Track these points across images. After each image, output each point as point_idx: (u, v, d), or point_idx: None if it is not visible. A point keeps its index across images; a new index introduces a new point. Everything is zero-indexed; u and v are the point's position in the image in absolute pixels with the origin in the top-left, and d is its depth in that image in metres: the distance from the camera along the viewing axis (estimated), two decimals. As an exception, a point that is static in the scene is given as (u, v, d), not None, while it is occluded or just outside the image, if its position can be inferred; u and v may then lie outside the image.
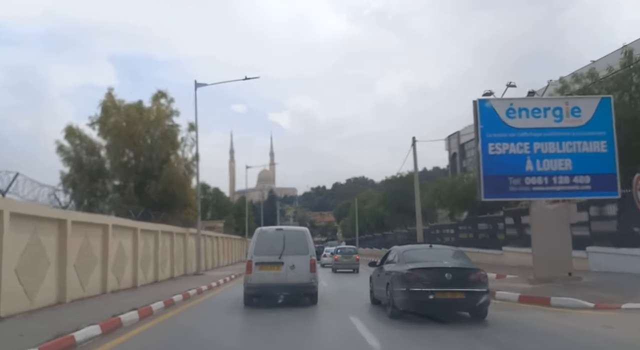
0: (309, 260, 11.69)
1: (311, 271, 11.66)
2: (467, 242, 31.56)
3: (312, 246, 12.17)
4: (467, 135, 58.35)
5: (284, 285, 11.56)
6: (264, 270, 11.54)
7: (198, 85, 25.50)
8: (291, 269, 11.53)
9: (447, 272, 8.93)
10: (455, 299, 8.88)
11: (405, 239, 46.08)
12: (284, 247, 11.66)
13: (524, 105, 14.94)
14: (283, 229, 12.87)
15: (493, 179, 14.97)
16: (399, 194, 47.58)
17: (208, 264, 31.90)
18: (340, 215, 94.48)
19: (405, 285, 9.00)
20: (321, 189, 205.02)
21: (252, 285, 11.63)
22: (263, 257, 11.66)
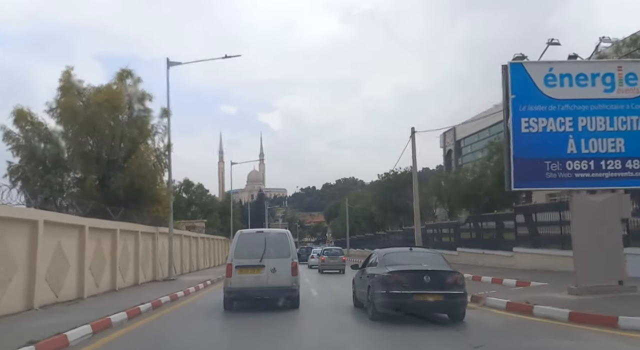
0: (291, 263, 11.34)
1: (292, 274, 11.30)
2: (470, 242, 28.43)
3: (293, 249, 11.75)
4: (464, 131, 55.53)
5: (265, 288, 11.20)
6: (244, 274, 11.19)
7: (171, 64, 22.13)
8: (272, 272, 11.16)
9: (425, 275, 9.07)
10: (434, 301, 9.03)
11: (401, 239, 42.88)
12: (265, 250, 11.26)
13: (566, 70, 11.73)
14: (264, 232, 12.43)
15: (526, 164, 11.77)
16: (392, 192, 44.46)
17: (185, 267, 28.46)
18: (331, 216, 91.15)
19: (385, 287, 9.15)
20: (311, 189, 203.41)
21: (232, 289, 11.24)
22: (243, 260, 11.29)
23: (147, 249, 20.76)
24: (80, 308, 11.78)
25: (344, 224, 69.21)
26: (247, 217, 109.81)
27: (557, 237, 19.49)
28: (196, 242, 31.82)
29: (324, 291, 17.65)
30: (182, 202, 44.73)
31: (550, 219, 20.14)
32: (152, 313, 11.75)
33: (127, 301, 12.54)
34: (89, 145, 21.56)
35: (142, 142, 21.92)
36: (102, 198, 20.71)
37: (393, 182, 44.94)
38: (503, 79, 11.92)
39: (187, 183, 46.30)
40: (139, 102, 21.58)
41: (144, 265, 20.26)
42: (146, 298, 13.23)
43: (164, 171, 22.54)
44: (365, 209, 54.93)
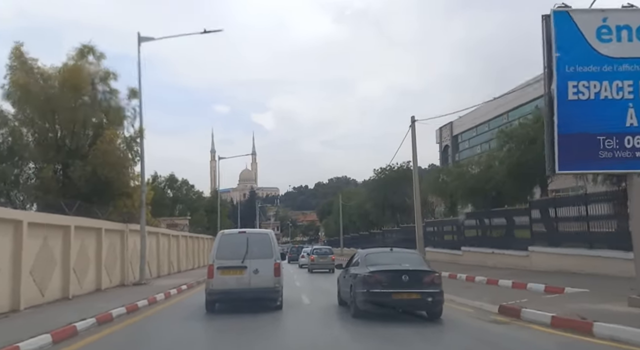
0: (273, 264, 11.01)
1: (275, 275, 10.98)
2: (476, 241, 25.89)
3: (276, 249, 11.41)
4: (461, 125, 53.18)
5: (247, 290, 10.81)
6: (226, 275, 10.90)
7: (142, 39, 19.33)
8: (254, 273, 10.86)
9: (404, 275, 9.38)
10: (411, 299, 9.37)
11: (397, 238, 40.29)
12: (247, 251, 10.95)
13: (625, 21, 9.07)
14: (246, 232, 12.08)
15: (574, 140, 9.15)
16: (389, 188, 41.85)
17: (163, 269, 25.67)
18: (323, 214, 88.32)
19: (366, 286, 9.46)
20: (303, 188, 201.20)
21: (214, 291, 10.93)
22: (225, 261, 10.98)
23: (113, 249, 17.97)
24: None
25: (337, 222, 66.51)
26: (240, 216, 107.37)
27: (582, 235, 16.97)
28: (177, 241, 29.00)
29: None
30: (165, 199, 41.92)
31: (574, 213, 17.59)
32: (93, 332, 9.03)
33: (69, 315, 9.82)
34: (48, 131, 18.79)
35: (109, 128, 19.12)
36: (61, 191, 17.95)
37: (389, 178, 42.36)
38: (544, 32, 9.29)
39: (172, 179, 43.44)
40: (102, 82, 18.80)
41: (109, 267, 17.48)
42: (98, 309, 10.60)
43: (136, 161, 19.72)
44: (360, 206, 52.29)
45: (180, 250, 30.21)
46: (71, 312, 10.50)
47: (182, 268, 29.97)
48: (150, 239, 23.34)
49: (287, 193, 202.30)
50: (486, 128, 47.40)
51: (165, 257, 26.26)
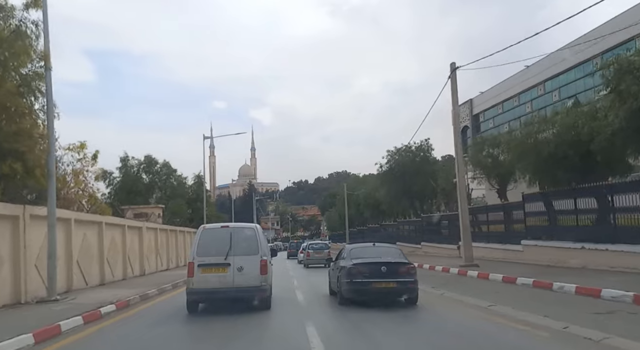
0: (260, 261, 9.81)
1: (262, 273, 9.81)
2: (547, 231, 18.27)
3: (264, 245, 10.17)
4: (483, 103, 45.50)
5: (231, 289, 9.62)
6: (208, 273, 9.64)
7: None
8: (239, 271, 9.67)
9: (382, 266, 10.18)
10: (389, 287, 10.15)
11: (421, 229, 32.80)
12: (231, 247, 9.73)
13: None
14: (230, 226, 10.72)
15: None
16: (406, 172, 34.24)
17: (116, 271, 18.12)
18: (326, 207, 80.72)
19: (350, 277, 10.24)
20: (303, 183, 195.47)
21: (194, 290, 9.69)
22: (206, 258, 9.71)
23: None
24: None
25: (342, 214, 58.99)
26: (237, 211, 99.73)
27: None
28: (139, 235, 21.39)
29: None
30: (139, 184, 34.26)
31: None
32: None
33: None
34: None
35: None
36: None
37: (406, 161, 34.73)
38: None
39: (150, 161, 35.68)
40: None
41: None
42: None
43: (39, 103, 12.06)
44: (369, 195, 44.70)
45: (150, 246, 22.65)
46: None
47: (149, 269, 22.38)
48: (87, 231, 15.79)
49: (286, 188, 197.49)
50: (515, 103, 39.77)
51: (119, 256, 18.67)
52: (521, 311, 8.86)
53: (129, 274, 19.66)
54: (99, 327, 9.05)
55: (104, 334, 8.50)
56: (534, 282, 12.24)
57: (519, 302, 9.94)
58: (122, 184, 33.83)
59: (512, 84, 39.18)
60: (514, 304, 9.58)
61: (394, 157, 35.74)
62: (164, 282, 17.01)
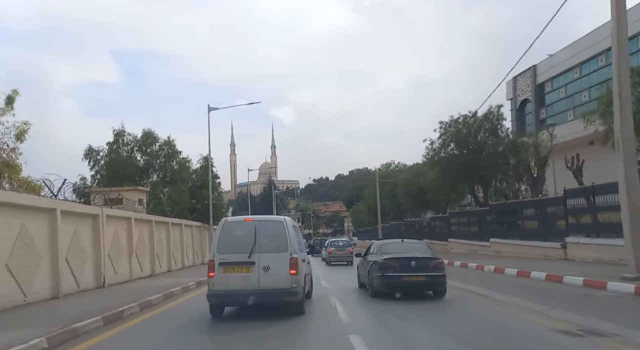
0: (289, 259, 8.23)
1: (291, 273, 8.19)
2: None
3: (293, 241, 8.52)
4: (550, 70, 36.59)
5: (256, 291, 8.09)
6: (230, 273, 8.18)
7: None
8: (265, 271, 8.14)
9: (412, 261, 10.42)
10: (419, 281, 10.43)
11: (495, 221, 24.33)
12: (256, 243, 8.25)
13: None
14: (255, 220, 8.89)
15: None
16: (469, 147, 25.80)
17: (67, 281, 10.28)
18: (352, 201, 72.29)
19: (381, 271, 10.48)
20: (324, 180, 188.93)
21: (215, 293, 8.26)
22: (228, 255, 8.25)
23: None
24: None
25: (372, 208, 50.70)
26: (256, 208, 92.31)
27: None
28: (91, 228, 13.47)
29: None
30: (130, 166, 26.51)
31: None
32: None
33: None
34: None
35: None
36: None
37: (469, 133, 26.27)
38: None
39: (148, 137, 27.78)
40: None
41: None
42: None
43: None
44: (410, 182, 36.23)
45: (109, 244, 14.76)
46: None
47: (115, 277, 14.51)
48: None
49: (307, 185, 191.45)
50: (602, 62, 30.77)
51: (73, 256, 10.89)
52: None
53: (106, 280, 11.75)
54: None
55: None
56: None
57: None
58: (108, 165, 26.18)
59: (597, 38, 30.13)
60: None
61: (448, 130, 27.27)
62: (129, 301, 9.17)
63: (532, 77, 37.68)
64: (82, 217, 12.94)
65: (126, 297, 10.67)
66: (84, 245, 12.92)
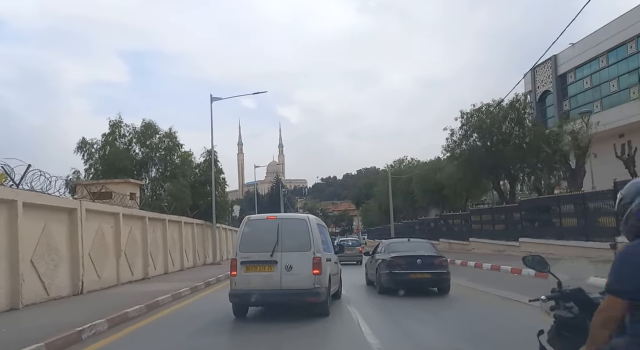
0: (312, 259, 7.91)
1: (315, 273, 7.86)
2: None
3: (317, 239, 8.17)
4: (573, 59, 34.12)
5: (278, 292, 7.82)
6: (252, 272, 7.96)
7: None
8: (287, 271, 7.87)
9: (418, 259, 10.83)
10: (424, 278, 10.75)
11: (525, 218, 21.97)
12: (279, 241, 7.98)
13: None
14: (278, 218, 8.66)
15: None
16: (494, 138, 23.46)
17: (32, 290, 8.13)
18: (362, 199, 69.94)
19: (390, 268, 10.85)
20: (332, 179, 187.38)
21: (237, 292, 8.01)
22: (251, 254, 8.05)
23: None
24: None
25: (383, 206, 48.43)
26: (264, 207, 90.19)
27: None
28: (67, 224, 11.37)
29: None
30: (127, 160, 24.48)
31: None
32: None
33: None
34: None
35: None
36: None
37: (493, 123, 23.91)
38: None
39: (148, 128, 25.67)
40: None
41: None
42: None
43: None
44: (426, 178, 33.88)
45: (90, 244, 12.66)
46: None
47: (99, 285, 12.40)
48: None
49: (315, 185, 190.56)
50: (632, 49, 28.29)
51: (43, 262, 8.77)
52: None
53: (33, 294, 9.61)
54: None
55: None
56: None
57: None
58: (103, 158, 24.16)
59: (626, 24, 27.72)
60: None
61: (470, 120, 24.94)
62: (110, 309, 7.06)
63: (553, 67, 35.13)
64: (54, 212, 10.83)
65: (99, 309, 8.55)
66: (56, 245, 10.81)
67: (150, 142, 25.88)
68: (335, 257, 9.58)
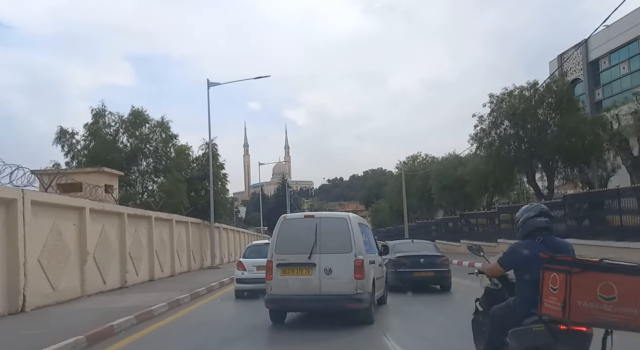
0: (353, 261, 7.16)
1: (356, 276, 7.13)
2: None
3: (359, 240, 7.39)
4: (606, 44, 30.88)
5: (316, 297, 7.13)
6: (289, 275, 7.30)
7: None
8: (326, 274, 7.14)
9: (421, 258, 11.44)
10: (427, 276, 11.41)
11: (571, 216, 18.72)
12: (317, 242, 7.25)
13: None
14: (315, 216, 7.93)
15: None
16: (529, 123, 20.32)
17: None
18: (370, 200, 66.68)
19: (395, 267, 11.25)
20: (338, 180, 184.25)
21: (273, 297, 7.33)
22: (287, 256, 7.34)
23: None
24: None
25: (394, 206, 45.30)
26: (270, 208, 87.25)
27: None
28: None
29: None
30: (114, 151, 21.58)
31: None
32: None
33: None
34: None
35: None
36: None
37: (530, 107, 20.77)
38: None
39: (136, 116, 22.77)
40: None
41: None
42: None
43: None
44: (445, 174, 30.70)
45: (38, 246, 9.72)
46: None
47: (52, 298, 9.43)
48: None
49: (321, 186, 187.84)
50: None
51: None
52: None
53: None
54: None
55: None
56: None
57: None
58: (86, 149, 21.31)
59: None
60: None
61: (501, 105, 21.82)
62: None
63: (584, 53, 31.91)
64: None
65: (24, 341, 5.59)
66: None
67: (140, 132, 22.98)
68: (379, 258, 8.81)
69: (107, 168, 15.36)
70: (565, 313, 2.67)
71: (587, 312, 2.65)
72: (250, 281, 11.15)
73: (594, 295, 2.64)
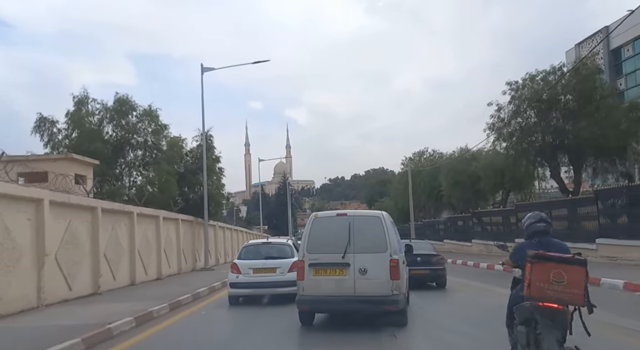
0: (389, 261, 6.84)
1: (392, 277, 6.79)
2: None
3: (393, 239, 7.07)
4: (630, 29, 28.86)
5: (351, 298, 6.82)
6: (322, 276, 6.98)
7: None
8: (361, 274, 6.83)
9: (418, 257, 11.57)
10: (423, 274, 11.83)
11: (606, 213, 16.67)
12: (350, 241, 6.90)
13: None
14: (348, 214, 7.46)
15: None
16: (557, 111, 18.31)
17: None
18: (373, 199, 64.59)
19: None
20: (340, 180, 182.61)
21: (305, 298, 7.03)
22: (319, 255, 7.00)
23: None
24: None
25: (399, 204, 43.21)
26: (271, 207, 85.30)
27: None
28: None
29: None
30: (98, 141, 19.59)
31: None
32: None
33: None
34: None
35: None
36: None
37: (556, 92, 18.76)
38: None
39: (122, 104, 20.74)
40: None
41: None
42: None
43: None
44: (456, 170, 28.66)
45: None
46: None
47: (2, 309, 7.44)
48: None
49: (323, 185, 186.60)
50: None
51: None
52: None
53: None
54: None
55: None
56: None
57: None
58: (67, 139, 19.35)
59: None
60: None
61: (522, 91, 19.80)
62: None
63: (606, 43, 29.94)
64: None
65: None
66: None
67: (127, 121, 20.96)
68: (404, 257, 8.19)
69: (78, 155, 13.34)
70: (529, 290, 3.75)
71: (542, 291, 3.71)
72: (246, 285, 9.79)
73: (547, 279, 3.69)
